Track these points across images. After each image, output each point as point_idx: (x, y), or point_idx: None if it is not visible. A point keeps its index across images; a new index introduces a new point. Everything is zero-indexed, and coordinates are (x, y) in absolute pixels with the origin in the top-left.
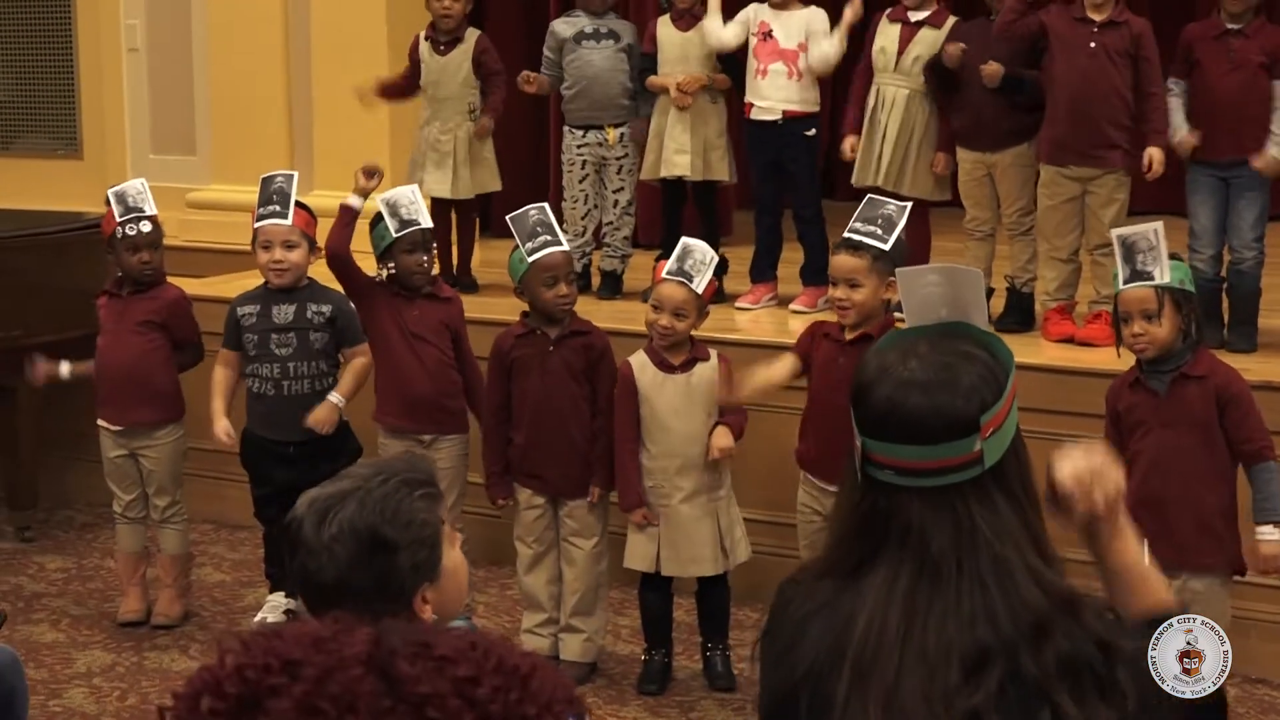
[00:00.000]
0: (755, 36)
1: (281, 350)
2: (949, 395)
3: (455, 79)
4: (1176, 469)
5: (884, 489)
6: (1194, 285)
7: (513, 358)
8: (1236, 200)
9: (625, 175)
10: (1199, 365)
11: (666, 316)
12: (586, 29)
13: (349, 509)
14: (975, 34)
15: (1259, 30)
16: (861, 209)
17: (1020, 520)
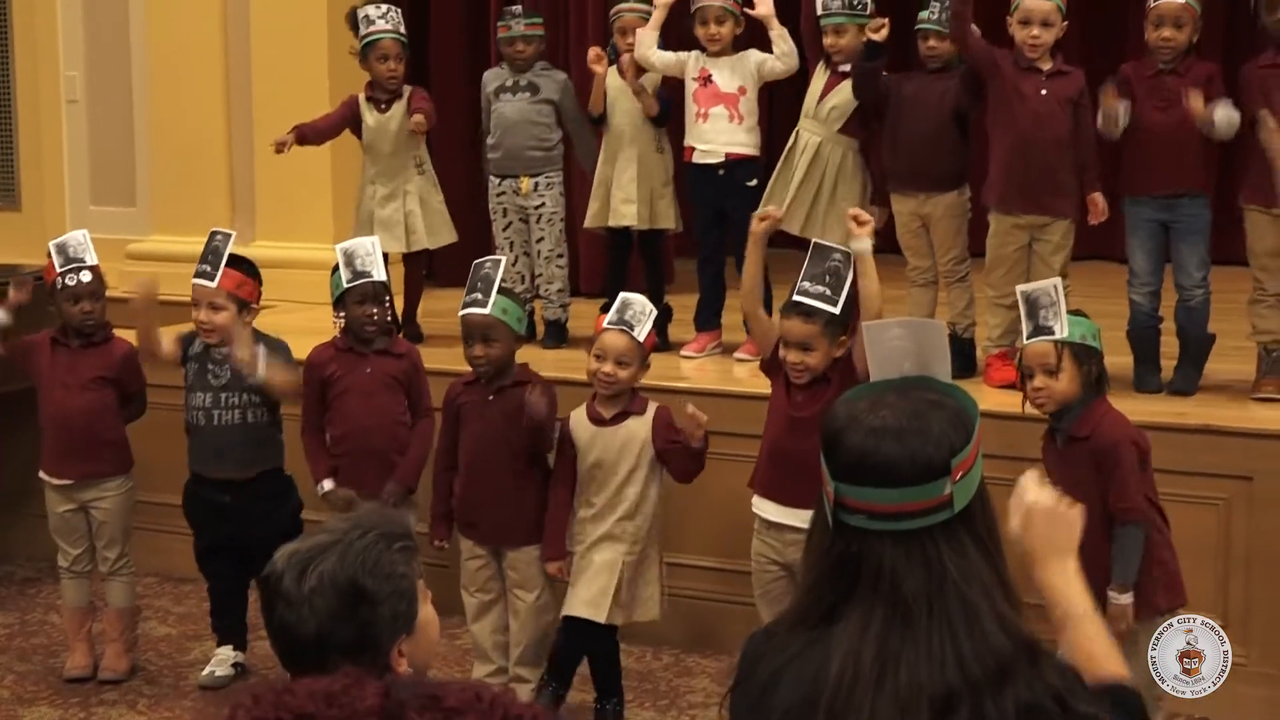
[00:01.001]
0: (695, 81)
1: (215, 380)
2: (920, 441)
3: (398, 135)
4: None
5: (855, 534)
6: (1099, 341)
7: (459, 404)
8: (1179, 242)
9: (545, 224)
10: (1084, 425)
11: (609, 364)
12: (507, 81)
13: (329, 562)
14: (910, 83)
15: (1190, 68)
16: (809, 261)
17: (988, 564)
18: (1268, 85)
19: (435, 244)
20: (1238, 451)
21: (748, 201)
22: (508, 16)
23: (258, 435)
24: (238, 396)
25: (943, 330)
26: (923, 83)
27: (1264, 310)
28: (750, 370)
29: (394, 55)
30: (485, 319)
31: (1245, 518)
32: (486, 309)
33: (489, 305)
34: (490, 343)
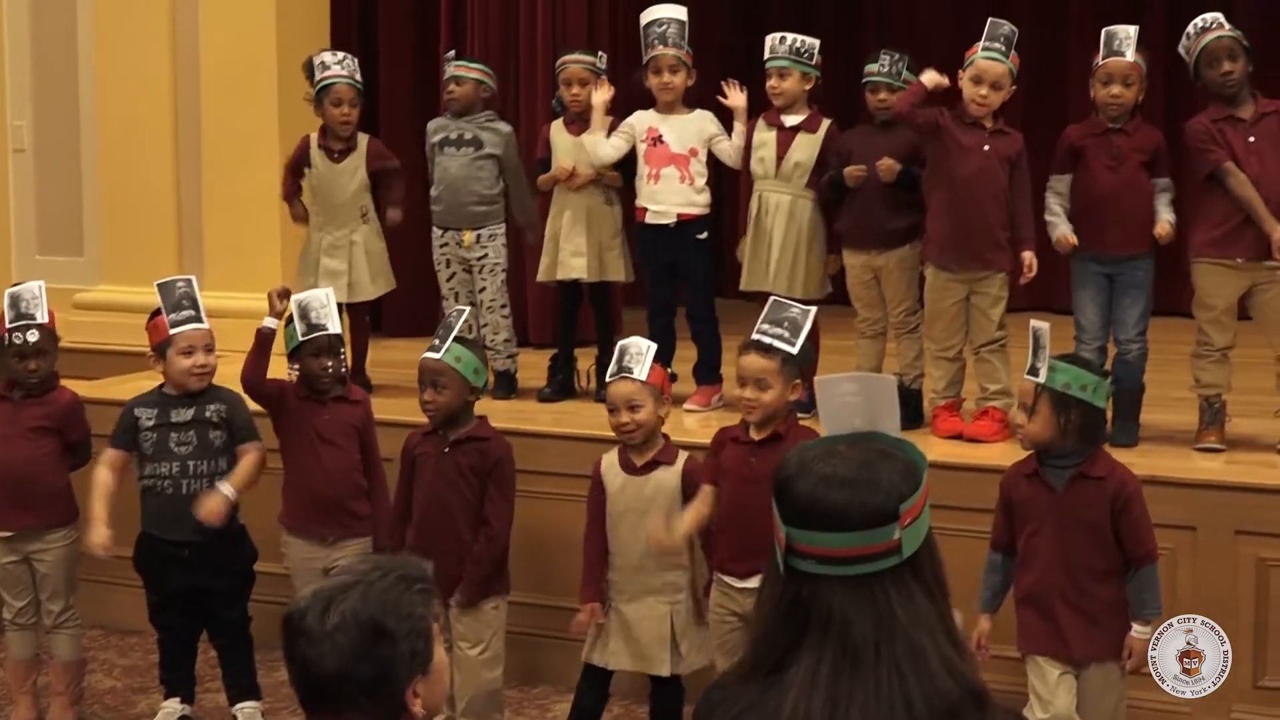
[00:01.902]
0: (645, 142)
1: (181, 449)
2: (870, 487)
3: (349, 186)
4: (1068, 566)
5: (806, 579)
6: (1089, 394)
7: (415, 455)
8: (1122, 296)
9: (488, 275)
10: (1098, 466)
11: (623, 413)
12: (450, 134)
13: (352, 600)
14: (859, 139)
15: (1138, 129)
16: (767, 311)
17: (935, 611)
18: (1227, 138)
19: (376, 293)
20: (1181, 502)
21: (699, 254)
22: (446, 62)
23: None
24: (205, 464)
25: (893, 386)
26: (872, 139)
27: (1207, 365)
28: (699, 421)
29: (348, 100)
30: (436, 364)
31: (1190, 568)
32: (439, 354)
33: (442, 351)
34: (439, 389)
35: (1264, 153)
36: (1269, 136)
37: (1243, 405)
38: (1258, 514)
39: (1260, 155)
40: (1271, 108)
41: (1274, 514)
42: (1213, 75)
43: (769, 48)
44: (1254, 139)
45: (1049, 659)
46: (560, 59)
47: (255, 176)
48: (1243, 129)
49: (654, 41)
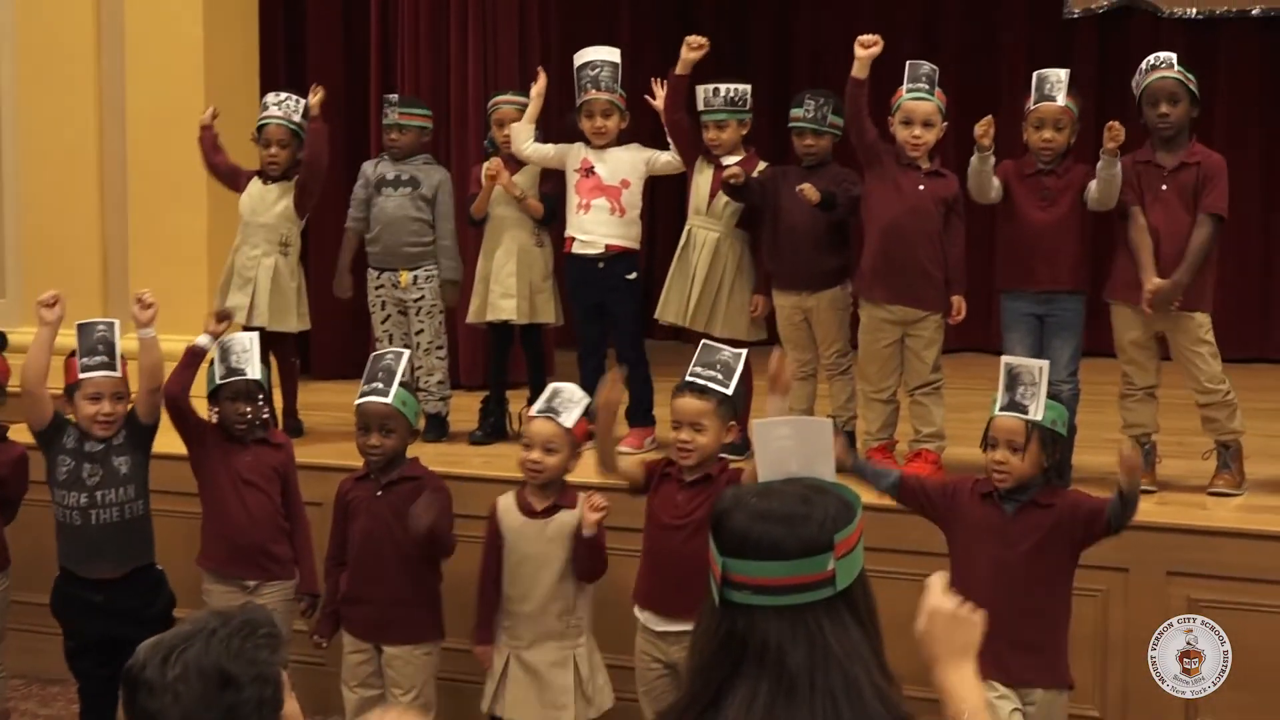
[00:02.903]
0: (577, 173)
1: (90, 479)
2: (804, 519)
3: (274, 209)
4: (1011, 589)
5: (742, 610)
6: (1065, 428)
7: (348, 499)
8: (1052, 336)
9: (424, 317)
10: (1051, 496)
11: (537, 451)
12: (388, 174)
13: (194, 649)
14: (787, 177)
15: (1068, 170)
16: (699, 355)
17: (868, 644)
18: (1142, 182)
19: (275, 327)
20: (1114, 543)
21: (628, 295)
22: (387, 104)
23: (134, 531)
24: (114, 493)
25: (829, 430)
26: (801, 179)
27: (1132, 404)
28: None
29: (277, 141)
30: (386, 408)
31: (1122, 608)
32: (388, 399)
33: (390, 395)
34: (388, 433)
35: (1171, 203)
36: (1181, 188)
37: (1173, 446)
38: (1189, 555)
39: (1167, 205)
40: (1195, 159)
41: (1205, 555)
42: (1150, 115)
43: (703, 100)
44: (1166, 188)
45: (1000, 696)
46: (492, 99)
47: (182, 218)
48: (1159, 176)
49: (587, 85)
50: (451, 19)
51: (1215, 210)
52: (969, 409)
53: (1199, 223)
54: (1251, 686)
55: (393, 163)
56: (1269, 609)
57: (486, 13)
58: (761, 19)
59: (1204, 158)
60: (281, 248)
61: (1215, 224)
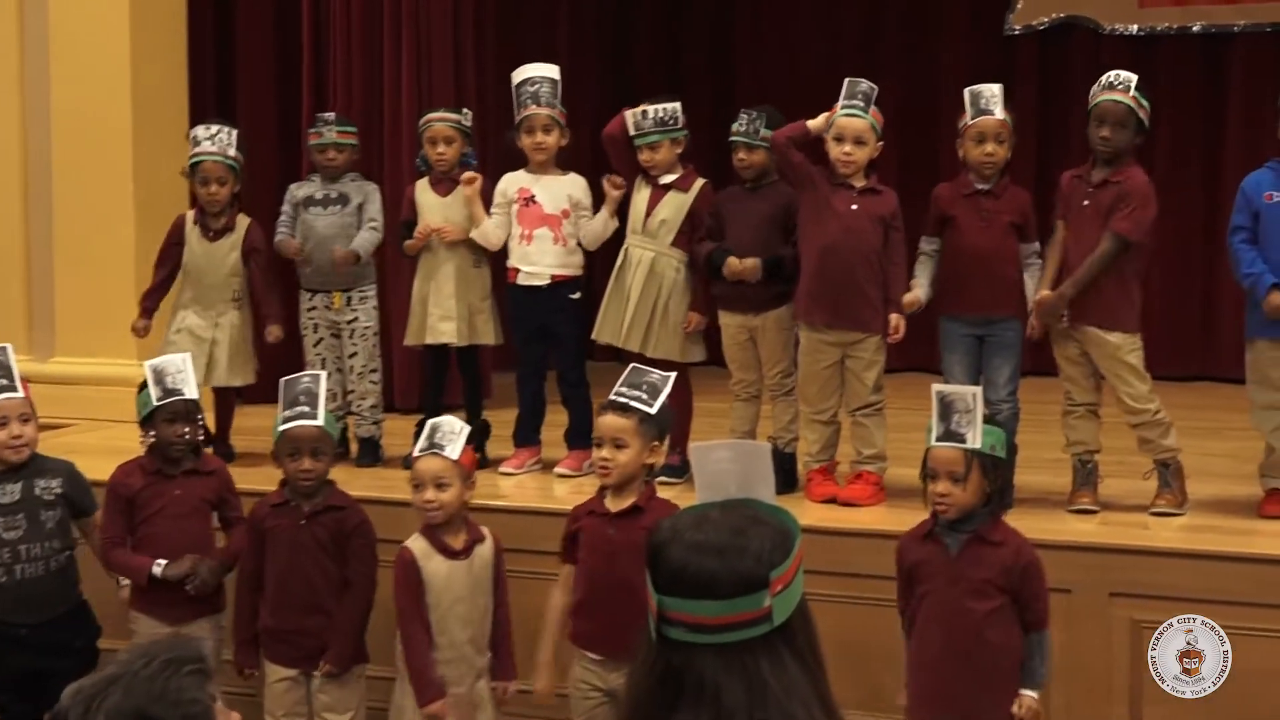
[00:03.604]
0: (517, 203)
1: (10, 534)
2: (740, 555)
3: (222, 268)
4: (960, 628)
5: (678, 647)
6: (1005, 450)
7: (266, 527)
8: (992, 356)
9: (358, 339)
10: (996, 531)
11: (429, 490)
12: (317, 194)
13: (114, 696)
14: (732, 202)
15: (1006, 190)
16: (626, 376)
17: (808, 680)
18: (1073, 195)
19: (232, 382)
20: (1056, 565)
21: (570, 315)
22: (320, 123)
23: (61, 577)
24: (39, 546)
25: (768, 453)
26: (744, 202)
27: (1074, 421)
28: (571, 487)
29: (215, 178)
30: (318, 431)
31: (1064, 631)
32: (318, 420)
33: (319, 417)
34: (318, 456)
35: (1089, 219)
36: (1099, 205)
37: (1114, 466)
38: (1132, 575)
39: (1085, 221)
40: (1119, 178)
41: (1148, 575)
42: (1093, 134)
43: (633, 124)
44: (1088, 204)
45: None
46: (424, 117)
47: (110, 238)
48: (1084, 192)
49: (526, 101)
50: (385, 36)
51: (1120, 231)
52: (911, 429)
53: (1102, 239)
54: (1199, 707)
55: (322, 182)
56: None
57: (421, 30)
58: (700, 35)
59: (1127, 179)
60: (234, 302)
61: (1117, 244)
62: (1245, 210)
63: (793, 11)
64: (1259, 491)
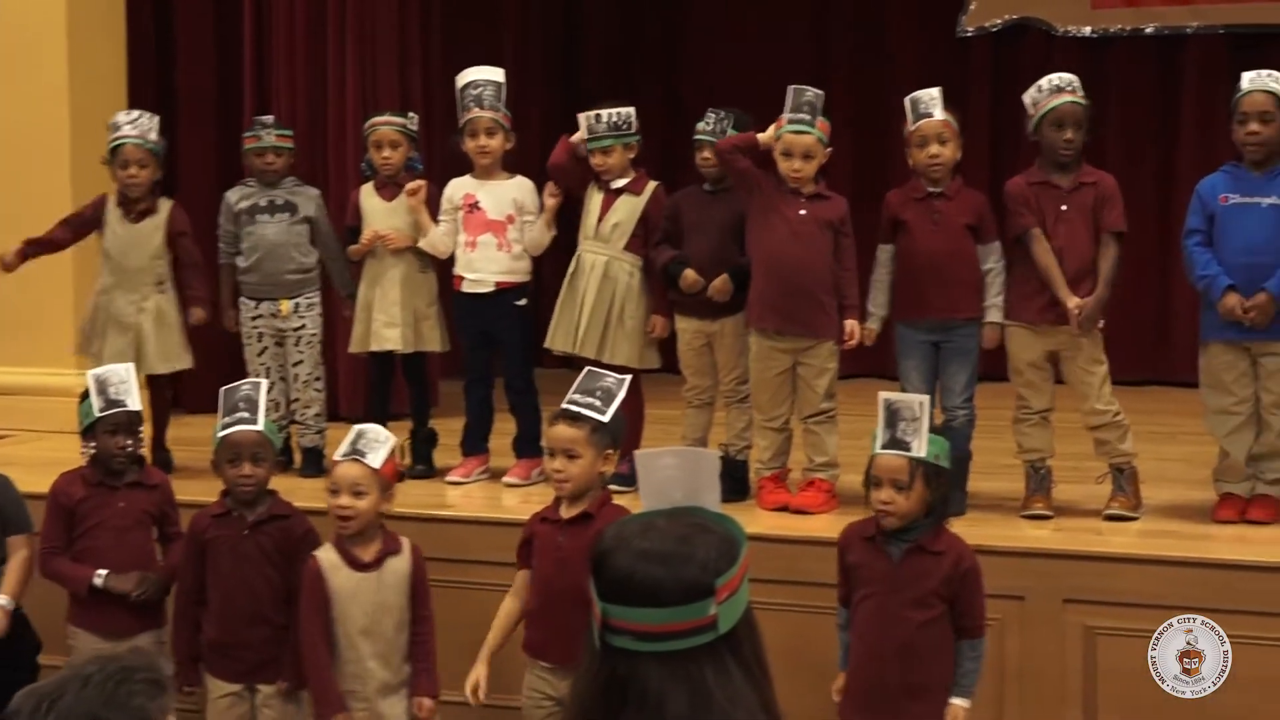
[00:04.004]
0: (461, 209)
1: None
2: (685, 563)
3: (145, 251)
4: (896, 635)
5: (622, 656)
6: (948, 460)
7: (207, 539)
8: (948, 362)
9: (304, 347)
10: (939, 541)
11: (345, 496)
12: (260, 201)
13: (67, 699)
14: (691, 205)
15: (959, 191)
16: (580, 381)
17: (753, 689)
18: (1040, 202)
19: (167, 368)
20: (1009, 571)
21: (516, 322)
22: (257, 126)
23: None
24: None
25: (714, 460)
26: (703, 206)
27: (1028, 429)
28: (520, 496)
29: (135, 161)
30: (257, 436)
31: (1019, 637)
32: (258, 425)
33: (259, 422)
34: (259, 462)
35: (1074, 222)
36: (1081, 207)
37: (1068, 471)
38: (1085, 581)
39: (1070, 225)
40: (1091, 178)
41: (1101, 581)
42: (1054, 138)
43: (587, 127)
44: (1066, 208)
45: None
46: (370, 120)
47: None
48: (1058, 196)
49: (470, 104)
50: (330, 38)
51: (1119, 228)
52: (865, 436)
53: (1105, 242)
54: (1152, 713)
55: (263, 188)
56: None
57: (365, 33)
58: (650, 38)
59: (1099, 178)
60: (159, 286)
61: (1120, 241)
62: (1200, 213)
63: (743, 15)
64: (1213, 496)
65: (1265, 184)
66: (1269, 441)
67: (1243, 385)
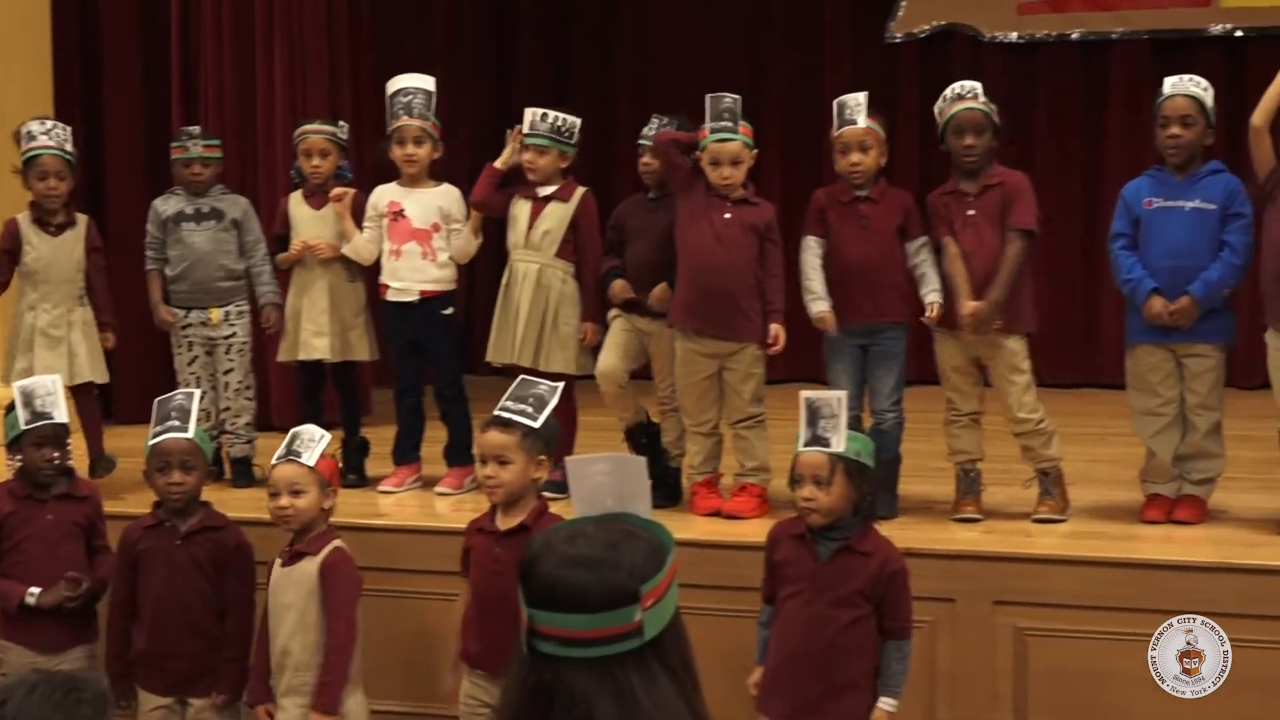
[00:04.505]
0: (386, 217)
1: None
2: (611, 569)
3: (69, 264)
4: (820, 635)
5: (549, 662)
6: (872, 458)
7: (139, 549)
8: (876, 366)
9: (235, 355)
10: (866, 541)
11: (284, 496)
12: (187, 209)
13: (11, 706)
14: (634, 214)
15: (884, 194)
16: (513, 389)
17: (680, 696)
18: (950, 212)
19: (97, 377)
20: (940, 574)
21: (444, 331)
22: (184, 137)
23: None
24: None
25: (644, 467)
26: (645, 214)
27: (958, 430)
28: (452, 504)
29: (54, 173)
30: (188, 444)
31: (950, 640)
32: (189, 434)
33: (190, 430)
34: (189, 470)
35: (981, 227)
36: (989, 211)
37: (998, 474)
38: (1015, 583)
39: (977, 229)
40: (997, 180)
41: (1031, 583)
42: (955, 145)
43: (529, 123)
44: (974, 213)
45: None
46: (299, 128)
47: None
48: (965, 203)
49: (399, 112)
50: (258, 46)
51: (1024, 225)
52: (790, 442)
53: (1008, 240)
54: (1081, 714)
55: (190, 197)
56: (1096, 635)
57: (294, 41)
58: (585, 48)
59: (1006, 177)
60: (81, 299)
61: (1025, 239)
62: (1125, 217)
63: (676, 21)
64: (1140, 497)
65: (1187, 187)
66: (1194, 442)
67: (1168, 387)
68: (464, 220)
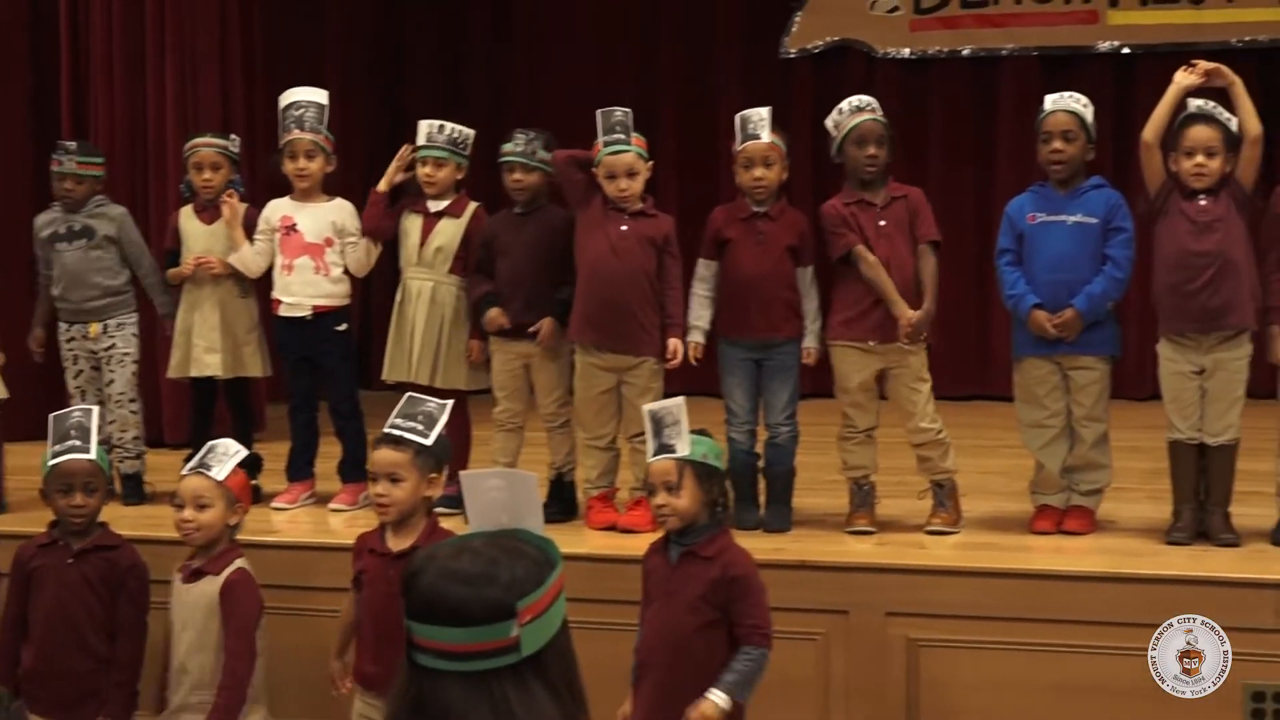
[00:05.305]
0: (278, 231)
1: None
2: (489, 583)
3: None
4: (673, 641)
5: (428, 674)
6: (721, 461)
7: (32, 568)
8: (770, 379)
9: (116, 366)
10: (710, 546)
11: (189, 509)
12: (60, 229)
13: None
14: (504, 228)
15: (782, 212)
16: (401, 406)
17: (559, 711)
18: (859, 221)
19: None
20: (833, 586)
21: (337, 346)
22: (60, 151)
23: None
24: None
25: (535, 483)
26: (516, 228)
27: (853, 446)
28: (346, 520)
29: None
30: (90, 465)
31: (843, 651)
32: (91, 454)
33: (92, 451)
34: (91, 492)
35: (893, 236)
36: (898, 221)
37: (891, 486)
38: (908, 594)
39: (890, 239)
40: (900, 192)
41: (923, 594)
42: (857, 155)
43: (425, 135)
44: (884, 223)
45: None
46: (190, 141)
47: None
48: (874, 213)
49: (291, 125)
50: (149, 58)
51: (934, 237)
52: None
53: (922, 253)
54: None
55: (64, 213)
56: (988, 646)
57: (185, 54)
58: (477, 63)
59: (908, 192)
60: None
61: (936, 251)
62: (1009, 232)
63: (569, 34)
64: (1031, 508)
65: (1069, 202)
66: (1082, 453)
67: (1055, 399)
68: (358, 234)
